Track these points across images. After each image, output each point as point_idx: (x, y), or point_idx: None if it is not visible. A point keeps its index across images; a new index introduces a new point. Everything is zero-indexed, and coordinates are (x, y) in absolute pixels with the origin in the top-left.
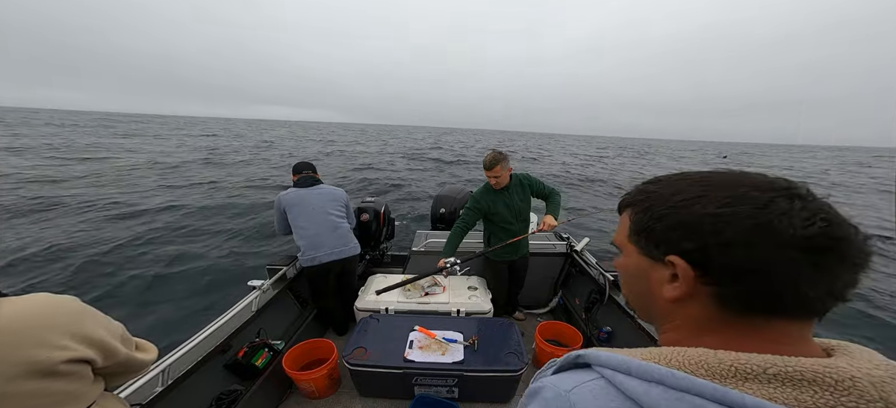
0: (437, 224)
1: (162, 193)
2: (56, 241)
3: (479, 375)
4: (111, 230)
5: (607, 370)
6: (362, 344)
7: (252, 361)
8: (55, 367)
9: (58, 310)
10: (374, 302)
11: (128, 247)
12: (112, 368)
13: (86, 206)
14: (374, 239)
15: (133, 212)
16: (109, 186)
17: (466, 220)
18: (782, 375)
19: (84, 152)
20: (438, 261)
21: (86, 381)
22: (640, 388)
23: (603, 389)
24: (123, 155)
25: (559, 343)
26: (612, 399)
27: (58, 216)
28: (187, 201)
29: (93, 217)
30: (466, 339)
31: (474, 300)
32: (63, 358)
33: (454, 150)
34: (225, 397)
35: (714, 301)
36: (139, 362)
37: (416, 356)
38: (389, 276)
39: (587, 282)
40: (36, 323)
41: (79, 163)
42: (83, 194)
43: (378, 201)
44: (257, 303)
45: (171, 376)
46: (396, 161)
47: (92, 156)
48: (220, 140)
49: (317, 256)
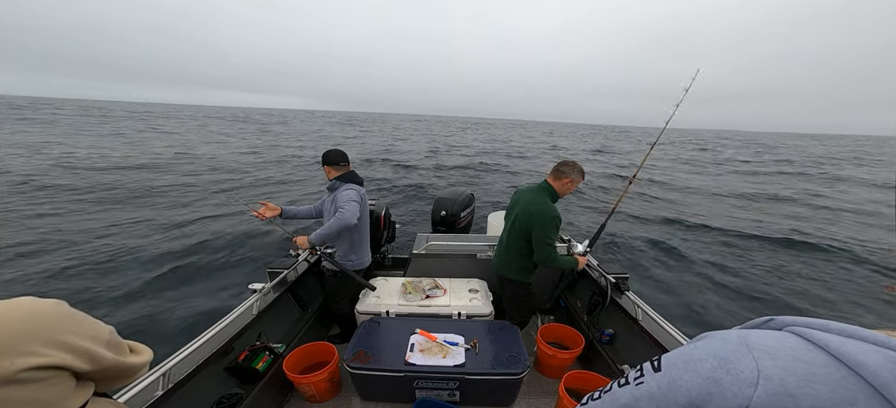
0: (438, 227)
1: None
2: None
3: (480, 378)
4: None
5: (799, 327)
6: (363, 347)
7: (253, 364)
8: (18, 374)
9: (37, 316)
10: (375, 305)
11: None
12: (100, 373)
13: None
14: (374, 242)
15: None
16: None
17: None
18: None
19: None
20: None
21: (61, 388)
22: (834, 341)
23: (784, 335)
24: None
25: (561, 346)
26: (791, 340)
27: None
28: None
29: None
30: (467, 342)
31: (475, 303)
32: (31, 364)
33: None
34: (226, 401)
35: None
36: (131, 365)
37: (417, 359)
38: (390, 279)
39: (589, 284)
40: (11, 329)
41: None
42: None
43: (379, 204)
44: (258, 306)
45: (172, 380)
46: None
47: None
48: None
49: (366, 257)
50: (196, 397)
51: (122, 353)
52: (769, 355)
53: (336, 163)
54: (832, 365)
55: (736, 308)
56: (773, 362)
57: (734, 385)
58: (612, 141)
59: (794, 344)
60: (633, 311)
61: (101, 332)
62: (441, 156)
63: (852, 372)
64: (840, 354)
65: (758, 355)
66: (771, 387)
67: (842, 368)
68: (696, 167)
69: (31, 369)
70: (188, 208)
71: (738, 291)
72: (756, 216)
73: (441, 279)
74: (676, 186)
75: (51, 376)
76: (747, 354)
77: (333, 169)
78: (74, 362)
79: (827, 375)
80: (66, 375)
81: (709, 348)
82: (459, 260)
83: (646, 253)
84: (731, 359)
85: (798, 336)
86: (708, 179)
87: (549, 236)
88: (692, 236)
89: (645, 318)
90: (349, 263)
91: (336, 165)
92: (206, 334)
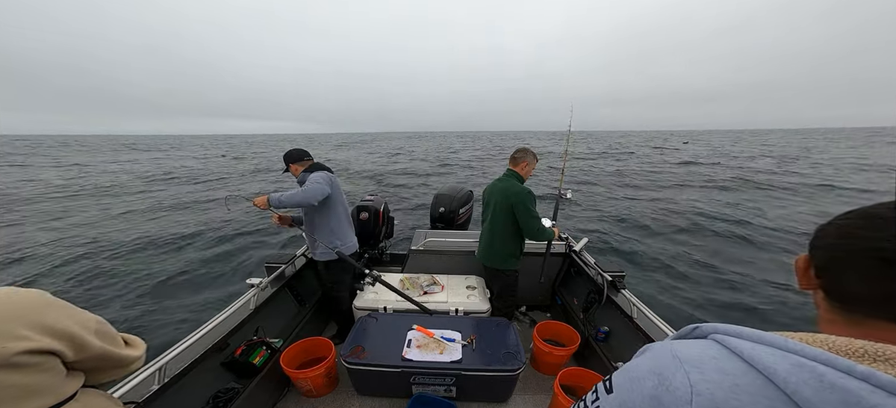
0: (437, 223)
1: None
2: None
3: (476, 374)
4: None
5: (719, 335)
6: (360, 343)
7: (249, 359)
8: (10, 358)
9: (19, 301)
10: (372, 301)
11: None
12: (89, 362)
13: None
14: (373, 238)
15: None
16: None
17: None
18: None
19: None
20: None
21: (53, 374)
22: (745, 346)
23: (708, 344)
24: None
25: (557, 343)
26: (712, 349)
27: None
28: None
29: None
30: (464, 338)
31: (472, 299)
32: (20, 349)
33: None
34: (222, 396)
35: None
36: (124, 357)
37: (414, 355)
38: (388, 275)
39: (585, 282)
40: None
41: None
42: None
43: (377, 200)
44: (255, 301)
45: (168, 375)
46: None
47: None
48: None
49: (351, 241)
50: (192, 392)
51: (114, 344)
52: (697, 367)
53: (299, 159)
54: (750, 374)
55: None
56: (702, 375)
57: (673, 404)
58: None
59: (716, 353)
60: (628, 309)
61: (86, 320)
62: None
63: (768, 380)
64: (754, 361)
65: (688, 368)
66: (703, 403)
67: (759, 376)
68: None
69: (24, 353)
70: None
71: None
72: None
73: (439, 276)
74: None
75: (42, 361)
76: (679, 368)
77: (298, 165)
78: (61, 348)
79: (748, 384)
80: (56, 361)
81: (648, 364)
82: (457, 257)
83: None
84: (666, 375)
85: (718, 344)
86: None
87: (532, 210)
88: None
89: (640, 315)
90: (330, 248)
91: (300, 161)
92: (202, 328)
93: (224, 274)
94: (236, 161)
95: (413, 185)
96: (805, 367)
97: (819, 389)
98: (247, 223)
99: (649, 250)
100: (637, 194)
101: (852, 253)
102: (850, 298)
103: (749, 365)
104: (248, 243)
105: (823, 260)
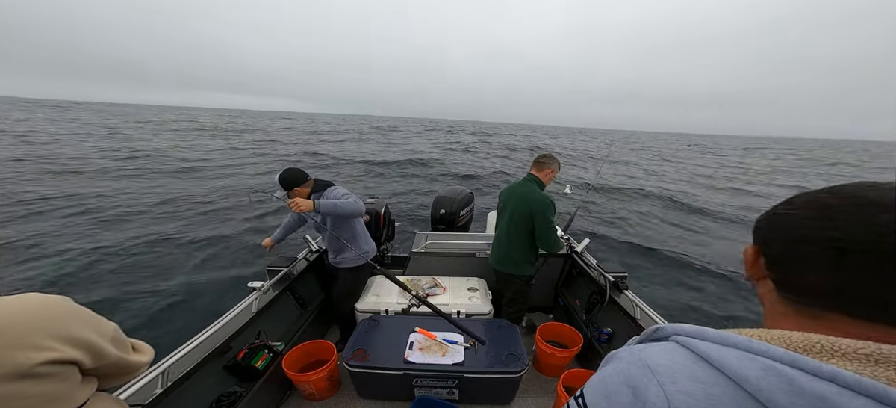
0: (438, 225)
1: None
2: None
3: (479, 376)
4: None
5: (681, 337)
6: (362, 346)
7: (252, 362)
8: (34, 368)
9: (43, 311)
10: (374, 303)
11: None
12: (103, 369)
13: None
14: (374, 240)
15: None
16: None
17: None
18: (870, 355)
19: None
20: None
21: (71, 382)
22: (712, 349)
23: (673, 348)
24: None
25: (559, 344)
26: (679, 355)
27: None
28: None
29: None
30: (467, 340)
31: (474, 301)
32: (42, 360)
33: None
34: (225, 399)
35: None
36: (133, 363)
37: (416, 358)
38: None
39: (588, 283)
40: (18, 323)
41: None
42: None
43: (378, 202)
44: (257, 304)
45: (171, 378)
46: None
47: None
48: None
49: (372, 244)
50: (195, 395)
51: (126, 350)
52: (670, 377)
53: (303, 181)
54: (722, 381)
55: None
56: (675, 385)
57: None
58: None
59: (683, 359)
60: (631, 310)
61: (106, 328)
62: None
63: (740, 388)
64: (723, 367)
65: (661, 379)
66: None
67: (730, 383)
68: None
69: (46, 364)
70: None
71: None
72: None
73: (440, 278)
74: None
75: (62, 370)
76: (652, 379)
77: (304, 188)
78: (83, 357)
79: (721, 393)
80: (74, 370)
81: (619, 376)
82: (459, 259)
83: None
84: (640, 388)
85: (683, 347)
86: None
87: (551, 221)
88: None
89: (643, 316)
90: (364, 254)
91: (303, 183)
92: (205, 332)
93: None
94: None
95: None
96: (773, 370)
97: (790, 393)
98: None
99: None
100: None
101: (808, 245)
102: (803, 291)
103: (718, 371)
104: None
105: (777, 253)
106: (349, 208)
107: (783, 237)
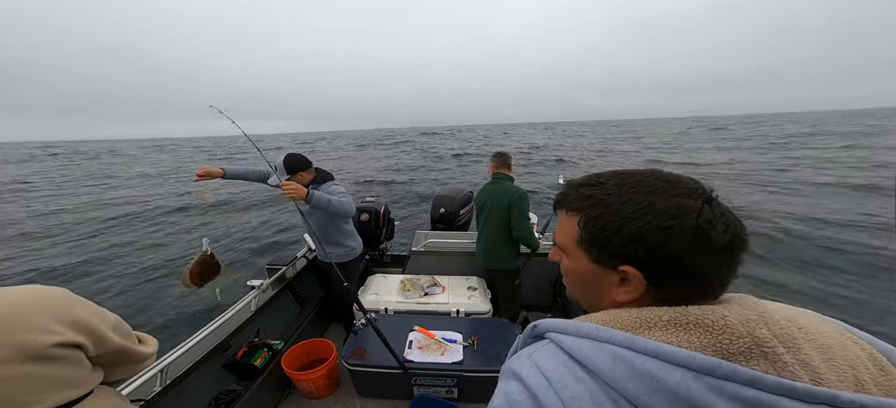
0: (437, 224)
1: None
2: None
3: (478, 375)
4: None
5: (552, 333)
6: (361, 344)
7: (251, 361)
8: (45, 350)
9: (46, 297)
10: (373, 302)
11: None
12: (107, 357)
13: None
14: (373, 239)
15: None
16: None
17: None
18: (675, 321)
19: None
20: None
21: (79, 367)
22: (574, 344)
23: (553, 350)
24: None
25: None
26: (561, 355)
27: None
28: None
29: None
30: (466, 339)
31: (473, 300)
32: (52, 342)
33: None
34: (224, 397)
35: (656, 300)
36: (139, 353)
37: (415, 356)
38: (389, 276)
39: None
40: (25, 310)
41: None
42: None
43: (378, 201)
44: (256, 303)
45: (170, 376)
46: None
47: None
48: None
49: (359, 240)
50: (194, 394)
51: (130, 340)
52: (560, 381)
53: (306, 167)
54: (591, 376)
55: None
56: (567, 389)
57: None
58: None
59: (564, 358)
60: None
61: (107, 317)
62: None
63: (604, 383)
64: (583, 361)
65: (556, 386)
66: None
67: (598, 376)
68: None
69: (55, 346)
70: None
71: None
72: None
73: (440, 277)
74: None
75: (70, 354)
76: (548, 388)
77: (306, 174)
78: (86, 342)
79: (599, 390)
80: (81, 355)
81: (523, 392)
82: (458, 258)
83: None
84: (540, 398)
85: (556, 345)
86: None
87: (526, 212)
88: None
89: None
90: (351, 250)
91: (307, 169)
92: (204, 330)
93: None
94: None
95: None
96: (618, 357)
97: (634, 379)
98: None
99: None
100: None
101: (678, 237)
102: (667, 284)
103: (571, 358)
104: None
105: (648, 250)
106: (340, 209)
107: (653, 233)
